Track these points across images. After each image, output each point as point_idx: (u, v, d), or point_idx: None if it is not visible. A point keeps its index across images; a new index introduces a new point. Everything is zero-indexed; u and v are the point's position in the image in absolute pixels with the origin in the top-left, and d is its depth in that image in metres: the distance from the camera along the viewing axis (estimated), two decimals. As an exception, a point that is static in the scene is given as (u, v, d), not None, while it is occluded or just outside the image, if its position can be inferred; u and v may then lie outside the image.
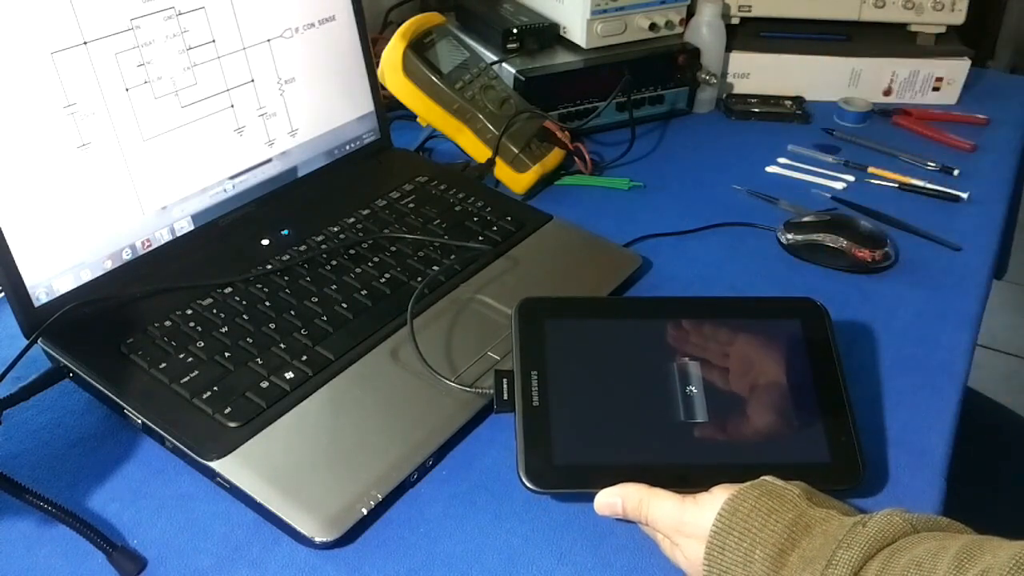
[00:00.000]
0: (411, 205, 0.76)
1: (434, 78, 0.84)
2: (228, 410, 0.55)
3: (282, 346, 0.60)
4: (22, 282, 0.58)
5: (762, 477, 0.48)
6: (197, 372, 0.57)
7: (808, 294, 0.60)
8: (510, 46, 0.97)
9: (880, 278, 0.76)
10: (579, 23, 0.96)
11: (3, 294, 0.59)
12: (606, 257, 0.74)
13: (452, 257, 0.70)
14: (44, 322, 0.58)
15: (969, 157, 0.95)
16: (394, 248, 0.71)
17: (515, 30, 0.96)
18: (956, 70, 1.05)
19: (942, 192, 0.88)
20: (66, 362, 0.58)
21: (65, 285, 0.61)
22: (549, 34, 0.99)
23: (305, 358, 0.59)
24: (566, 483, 0.52)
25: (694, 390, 0.55)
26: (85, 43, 0.59)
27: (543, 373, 0.55)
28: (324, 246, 0.70)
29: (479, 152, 0.85)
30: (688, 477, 0.50)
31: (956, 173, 0.91)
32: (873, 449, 0.57)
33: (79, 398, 0.60)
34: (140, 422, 0.55)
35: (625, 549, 0.51)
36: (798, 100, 1.04)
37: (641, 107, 0.99)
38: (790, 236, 0.78)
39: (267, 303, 0.64)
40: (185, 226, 0.68)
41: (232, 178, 0.70)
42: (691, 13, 1.01)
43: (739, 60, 1.05)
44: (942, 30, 1.06)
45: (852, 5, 1.04)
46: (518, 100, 0.88)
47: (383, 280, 0.67)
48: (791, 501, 0.46)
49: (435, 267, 0.68)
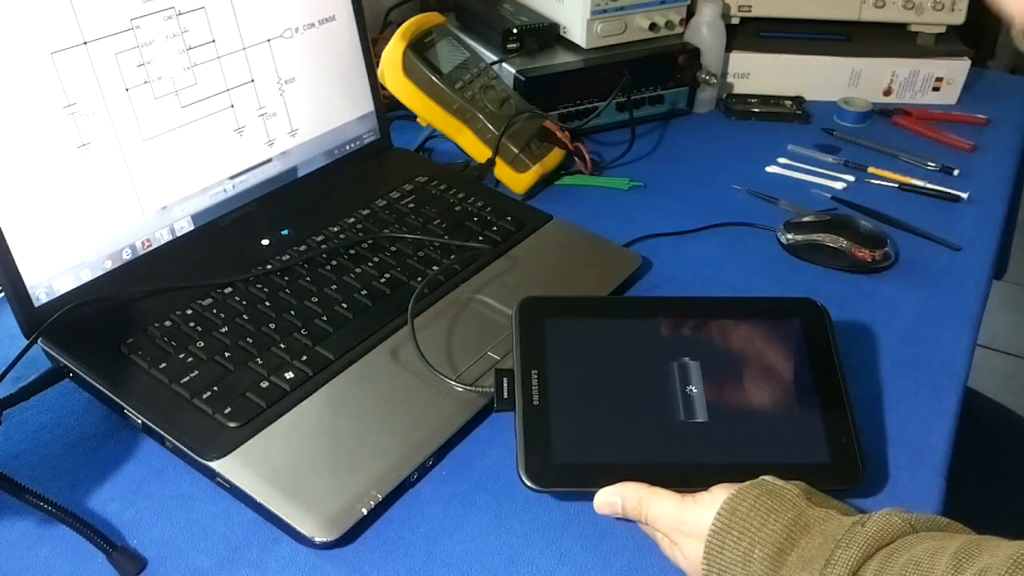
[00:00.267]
0: (411, 205, 0.76)
1: (434, 78, 0.84)
2: (228, 410, 0.55)
3: (282, 346, 0.60)
4: (22, 282, 0.58)
5: (761, 477, 0.48)
6: (197, 372, 0.57)
7: (808, 294, 0.60)
8: (510, 46, 0.97)
9: (880, 278, 0.76)
10: (579, 23, 0.96)
11: (3, 294, 0.59)
12: (606, 257, 0.74)
13: (452, 257, 0.70)
14: (44, 322, 0.58)
15: (969, 157, 0.95)
16: (394, 248, 0.71)
17: (515, 30, 0.96)
18: (956, 70, 1.05)
19: (942, 192, 0.88)
20: (66, 362, 0.58)
21: (65, 285, 0.61)
22: (549, 34, 0.99)
23: (305, 358, 0.59)
24: (566, 482, 0.52)
25: (694, 390, 0.55)
26: (85, 43, 0.59)
27: (543, 372, 0.55)
28: (324, 246, 0.70)
29: (479, 152, 0.85)
30: (688, 476, 0.50)
31: (956, 173, 0.91)
32: (873, 449, 0.57)
33: (79, 398, 0.60)
34: (140, 422, 0.55)
35: (625, 549, 0.51)
36: (798, 100, 1.04)
37: (641, 107, 0.99)
38: (790, 236, 0.78)
39: (267, 303, 0.64)
40: (185, 226, 0.68)
41: (232, 178, 0.70)
42: (691, 13, 1.01)
43: (739, 60, 1.05)
44: (942, 30, 1.06)
45: (852, 5, 1.04)
46: (518, 100, 0.88)
47: (383, 280, 0.67)
48: (790, 501, 0.46)
49: (435, 267, 0.68)
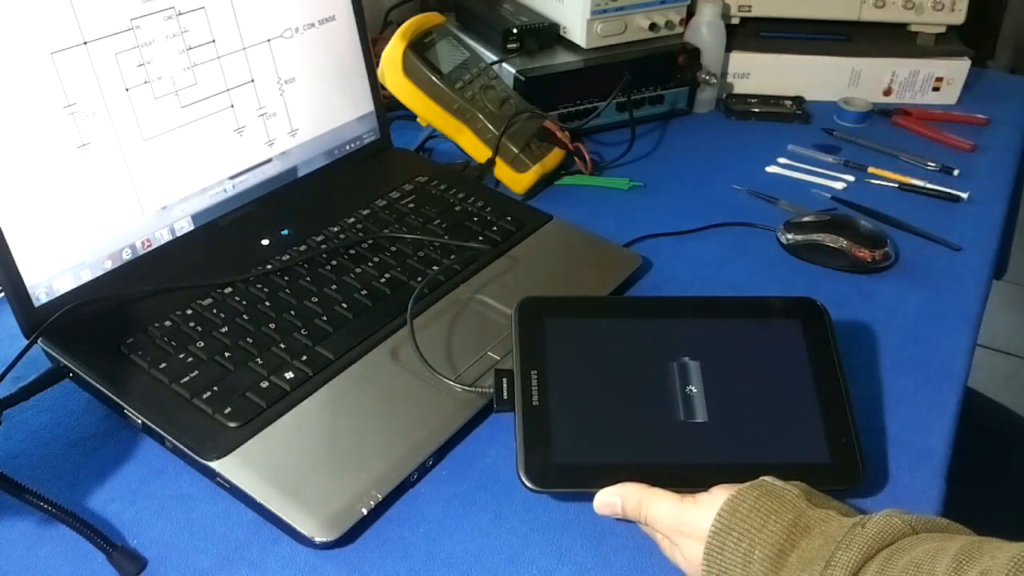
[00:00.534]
0: (411, 205, 0.76)
1: (434, 78, 0.84)
2: (228, 410, 0.55)
3: (282, 346, 0.60)
4: (22, 282, 0.58)
5: (761, 477, 0.48)
6: (197, 372, 0.57)
7: (808, 294, 0.60)
8: (510, 46, 0.97)
9: (880, 278, 0.76)
10: (579, 23, 0.96)
11: (3, 294, 0.59)
12: (606, 257, 0.74)
13: (452, 257, 0.70)
14: (44, 322, 0.58)
15: (969, 157, 0.95)
16: (394, 248, 0.71)
17: (515, 30, 0.96)
18: (956, 70, 1.05)
19: (942, 192, 0.88)
20: (66, 362, 0.58)
21: (65, 285, 0.61)
22: (549, 34, 0.99)
23: (305, 358, 0.59)
24: (566, 483, 0.52)
25: (694, 390, 0.55)
26: (85, 43, 0.59)
27: (543, 373, 0.55)
28: (324, 246, 0.70)
29: (479, 152, 0.85)
30: (688, 477, 0.50)
31: (956, 173, 0.91)
32: (873, 449, 0.57)
33: (79, 398, 0.60)
34: (140, 422, 0.55)
35: (625, 549, 0.51)
36: (798, 100, 1.04)
37: (641, 107, 0.99)
38: (790, 236, 0.78)
39: (267, 303, 0.64)
40: (185, 226, 0.68)
41: (232, 178, 0.70)
42: (691, 13, 1.01)
43: (739, 60, 1.05)
44: (942, 30, 1.06)
45: (852, 5, 1.04)
46: (518, 100, 0.88)
47: (383, 280, 0.67)
48: (790, 502, 0.46)
49: (435, 267, 0.68)
